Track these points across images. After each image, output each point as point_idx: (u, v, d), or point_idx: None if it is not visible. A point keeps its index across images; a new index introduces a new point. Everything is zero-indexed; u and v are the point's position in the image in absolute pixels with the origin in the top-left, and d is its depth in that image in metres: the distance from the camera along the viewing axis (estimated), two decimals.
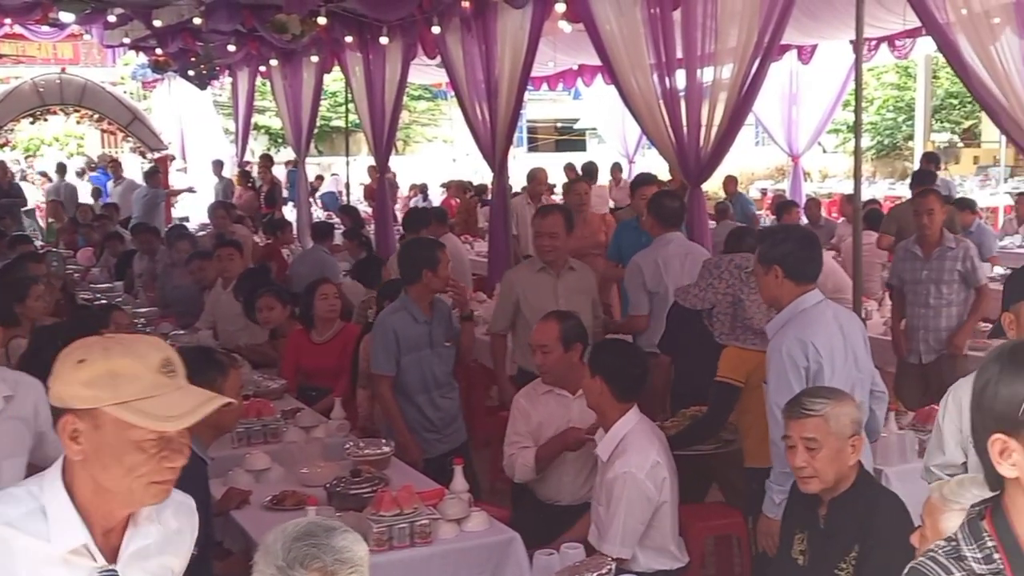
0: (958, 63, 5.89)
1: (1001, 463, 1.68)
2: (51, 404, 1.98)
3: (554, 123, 35.77)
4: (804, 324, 3.97)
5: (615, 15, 7.79)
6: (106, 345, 1.98)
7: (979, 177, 22.93)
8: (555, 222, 5.97)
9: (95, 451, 1.95)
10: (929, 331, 6.59)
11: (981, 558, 1.71)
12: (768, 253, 4.07)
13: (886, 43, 12.82)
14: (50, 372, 1.97)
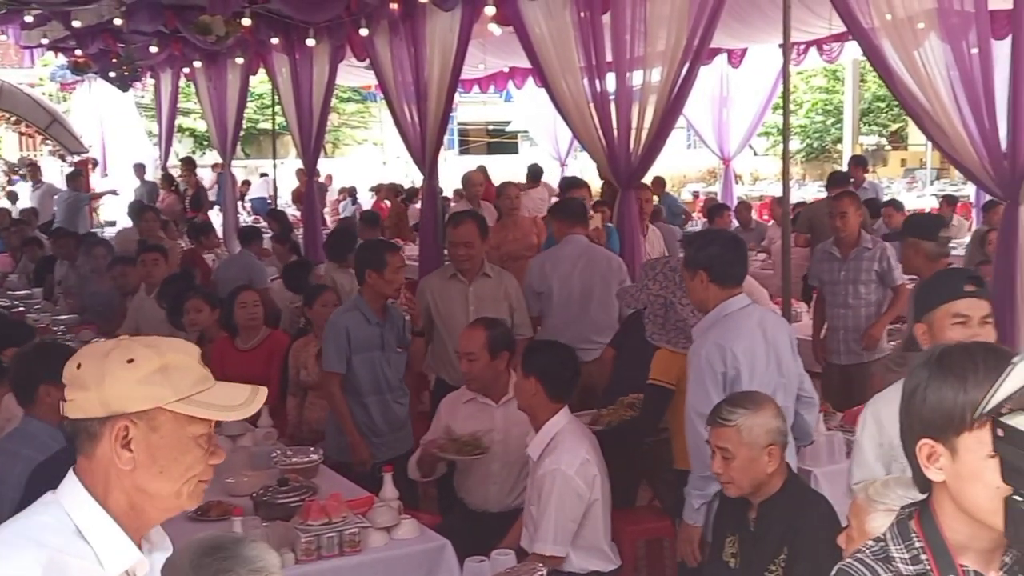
0: (883, 68, 6.02)
1: (929, 467, 1.73)
2: (86, 416, 1.83)
3: (485, 126, 35.81)
4: (726, 329, 4.03)
5: (544, 18, 7.84)
6: (147, 343, 1.89)
7: (906, 179, 23.48)
8: (469, 230, 5.94)
9: (150, 456, 1.84)
10: (848, 331, 6.68)
11: (908, 559, 1.75)
12: (694, 257, 4.15)
13: (815, 47, 13.07)
14: None
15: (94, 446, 1.84)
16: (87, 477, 1.85)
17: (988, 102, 5.48)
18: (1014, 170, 5.36)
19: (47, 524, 1.82)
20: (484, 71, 15.66)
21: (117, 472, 1.84)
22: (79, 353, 1.89)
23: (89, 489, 1.85)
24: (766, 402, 3.49)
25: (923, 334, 3.14)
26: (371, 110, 32.38)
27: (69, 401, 1.85)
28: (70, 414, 1.85)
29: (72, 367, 1.85)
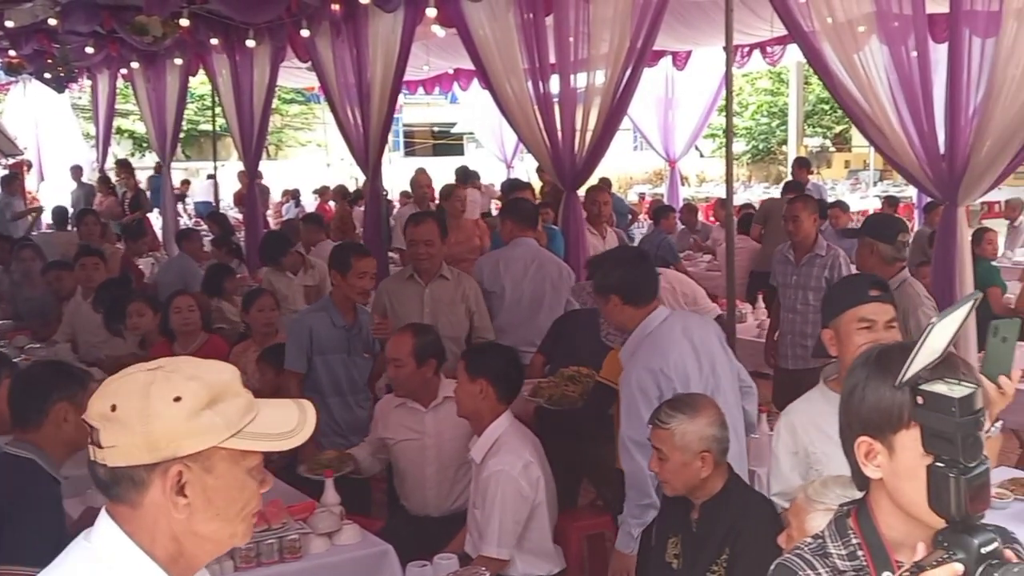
0: (823, 71, 6.11)
1: (867, 465, 1.77)
2: (130, 464, 1.63)
3: (431, 127, 35.79)
4: (652, 349, 4.01)
5: (488, 20, 7.86)
6: (188, 373, 1.68)
7: (850, 181, 23.84)
8: (430, 229, 5.95)
9: (206, 499, 1.66)
10: (795, 335, 6.71)
11: (845, 555, 1.79)
12: (603, 284, 4.15)
13: (758, 50, 13.22)
14: None
15: (142, 495, 1.65)
16: (129, 526, 1.67)
17: (926, 105, 5.59)
18: (952, 172, 5.47)
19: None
20: (428, 72, 15.64)
21: (168, 519, 1.67)
22: (108, 391, 1.67)
23: (133, 538, 1.66)
24: (706, 408, 3.51)
25: (830, 339, 3.19)
26: (315, 111, 32.25)
27: (107, 448, 1.63)
28: (109, 461, 1.64)
29: (103, 407, 1.64)
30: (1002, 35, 5.21)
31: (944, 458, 1.61)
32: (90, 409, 1.67)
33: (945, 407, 1.60)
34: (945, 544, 1.59)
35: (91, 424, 1.65)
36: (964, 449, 1.59)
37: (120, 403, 1.63)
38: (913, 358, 1.65)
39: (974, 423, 1.59)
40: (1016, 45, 5.18)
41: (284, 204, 19.34)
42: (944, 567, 1.56)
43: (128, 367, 1.72)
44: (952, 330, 1.66)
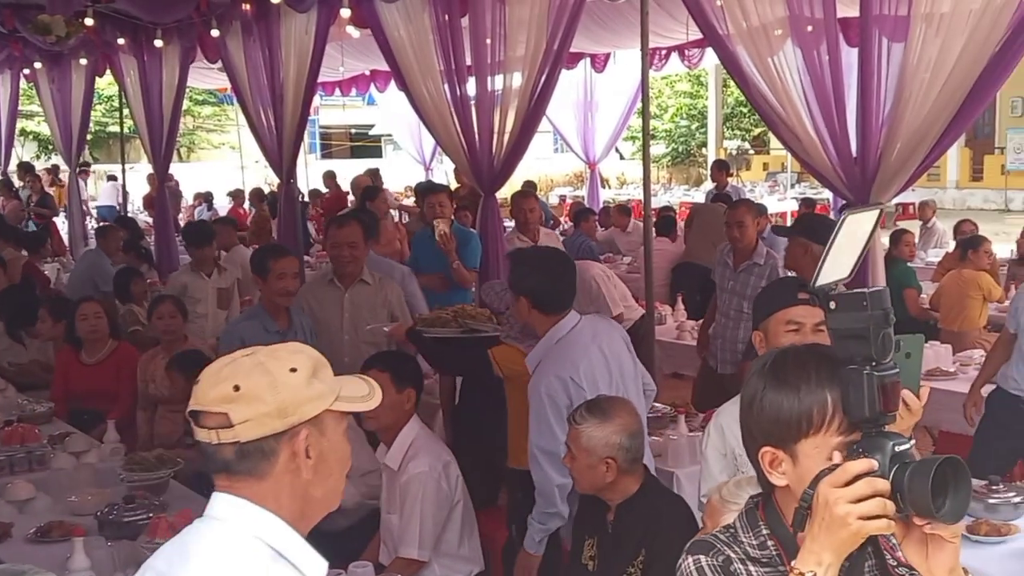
0: (738, 74, 6.21)
1: (772, 473, 1.81)
2: (264, 435, 1.79)
3: (348, 129, 35.58)
4: (561, 357, 4.01)
5: (403, 21, 7.84)
6: (287, 348, 1.90)
7: (768, 183, 24.21)
8: (354, 231, 5.86)
9: (322, 460, 1.85)
10: (726, 340, 6.72)
11: (756, 545, 1.84)
12: (517, 284, 4.16)
13: (676, 52, 13.39)
14: None
15: (272, 463, 1.81)
16: (256, 496, 1.82)
17: (839, 108, 5.70)
18: (864, 174, 5.60)
19: (244, 556, 1.78)
20: (345, 74, 15.55)
21: (293, 483, 1.83)
22: (219, 378, 1.81)
23: (261, 505, 1.82)
24: (618, 416, 3.54)
25: (759, 342, 3.23)
26: (228, 113, 31.83)
27: (240, 424, 1.78)
28: (243, 436, 1.79)
29: (224, 391, 1.79)
30: (911, 39, 5.35)
31: (858, 359, 1.69)
32: (204, 397, 1.81)
33: (857, 303, 1.69)
34: (860, 450, 1.68)
35: (213, 410, 1.79)
36: (876, 344, 1.68)
37: (242, 382, 1.80)
38: (824, 260, 1.73)
39: (884, 318, 1.69)
40: (924, 49, 5.32)
41: (196, 207, 19.08)
42: (863, 460, 1.65)
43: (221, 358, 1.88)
44: (860, 242, 1.77)
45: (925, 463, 1.63)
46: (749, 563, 1.82)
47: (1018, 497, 4.30)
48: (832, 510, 1.62)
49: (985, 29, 5.07)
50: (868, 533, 1.64)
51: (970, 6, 5.17)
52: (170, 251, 12.03)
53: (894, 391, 1.70)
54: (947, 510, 1.63)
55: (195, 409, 1.83)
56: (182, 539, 1.86)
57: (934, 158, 5.55)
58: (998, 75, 5.20)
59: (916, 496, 1.61)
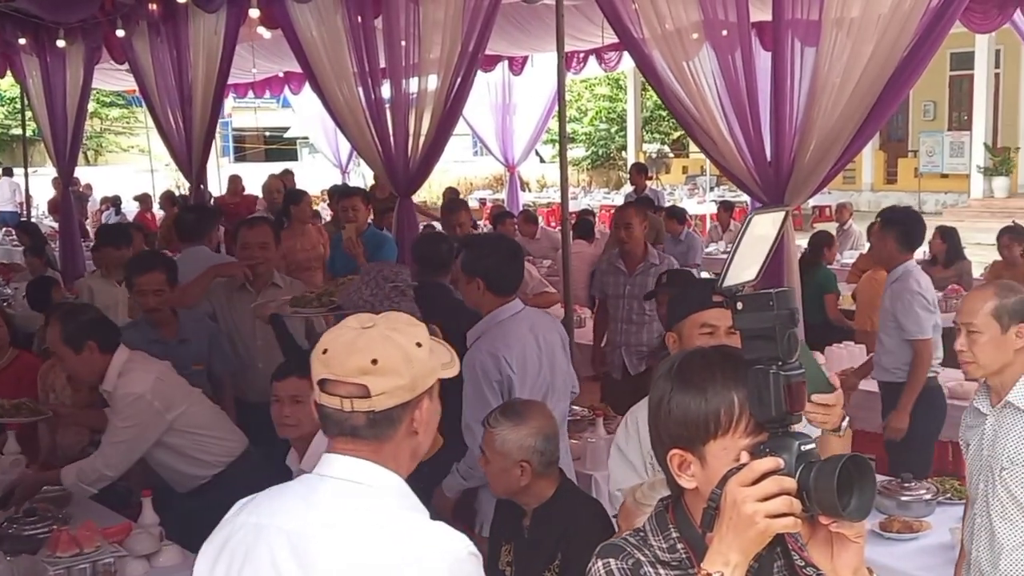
0: (654, 78, 6.27)
1: (680, 475, 1.83)
2: (396, 404, 2.02)
3: (263, 132, 35.19)
4: (498, 336, 4.22)
5: (315, 22, 7.75)
6: (404, 322, 2.11)
7: (687, 186, 24.49)
8: (264, 232, 5.87)
9: (430, 422, 2.12)
10: (631, 347, 6.75)
11: (666, 548, 1.85)
12: (471, 265, 4.32)
13: (594, 56, 13.50)
14: None
15: (396, 429, 2.04)
16: (379, 457, 2.05)
17: (753, 112, 5.80)
18: (778, 177, 5.69)
19: (381, 513, 2.01)
20: (257, 76, 15.39)
21: (408, 445, 2.09)
22: (354, 349, 2.00)
23: (386, 467, 2.05)
24: (533, 419, 3.55)
25: (673, 343, 3.26)
26: (137, 115, 31.31)
27: (378, 395, 1.99)
28: (378, 406, 2.00)
29: (361, 363, 1.98)
30: (822, 43, 5.46)
31: (764, 359, 1.72)
32: (341, 368, 2.00)
33: (763, 303, 1.73)
34: (767, 450, 1.70)
35: (350, 380, 1.99)
36: (782, 344, 1.71)
37: (379, 356, 1.99)
38: (731, 259, 1.76)
39: (790, 317, 1.72)
40: (835, 53, 5.43)
41: (104, 212, 18.71)
42: (769, 458, 1.67)
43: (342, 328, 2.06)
44: (767, 242, 1.82)
45: (830, 462, 1.66)
46: (659, 566, 1.83)
47: (929, 494, 4.42)
48: (739, 509, 1.64)
49: (894, 34, 5.20)
50: (775, 532, 1.66)
51: (879, 11, 5.29)
52: (75, 257, 11.79)
53: (800, 391, 1.72)
54: (852, 508, 1.66)
55: (327, 378, 2.01)
56: (309, 499, 2.04)
57: (846, 161, 5.67)
58: (906, 79, 5.34)
59: (822, 494, 1.64)
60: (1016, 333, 3.33)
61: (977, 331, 3.37)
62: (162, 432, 4.45)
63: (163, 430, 4.45)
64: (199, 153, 9.46)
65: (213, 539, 2.17)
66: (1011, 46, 22.66)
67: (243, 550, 2.07)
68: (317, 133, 19.33)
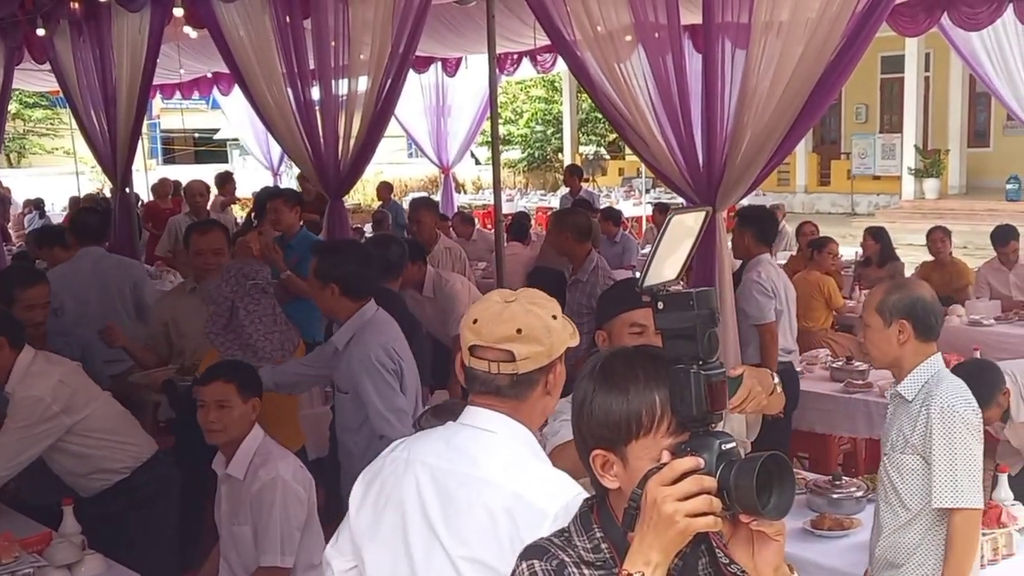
0: (586, 79, 6.30)
1: (604, 476, 1.84)
2: (536, 368, 2.32)
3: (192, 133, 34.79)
4: (379, 331, 4.49)
5: (242, 22, 7.67)
6: (539, 296, 2.40)
7: (623, 188, 24.64)
8: (218, 238, 5.87)
9: (559, 383, 2.43)
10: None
11: (590, 548, 1.85)
12: (327, 272, 4.48)
13: (528, 57, 13.53)
14: None
15: (533, 390, 2.35)
16: (516, 413, 2.35)
17: (684, 114, 5.84)
18: (710, 179, 5.75)
19: (517, 457, 2.32)
20: (184, 76, 15.20)
21: (540, 404, 2.39)
22: (502, 319, 2.30)
23: (520, 421, 2.36)
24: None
25: (603, 342, 3.30)
26: (61, 116, 30.78)
27: (522, 359, 2.30)
28: (521, 369, 2.31)
29: (507, 331, 2.29)
30: (752, 46, 5.53)
31: (684, 358, 1.75)
32: (490, 336, 2.31)
33: (683, 303, 1.76)
34: (688, 449, 1.72)
35: (498, 347, 2.30)
36: (702, 343, 1.74)
37: (523, 326, 2.30)
38: (651, 259, 1.80)
39: (710, 317, 1.76)
40: (765, 56, 5.50)
41: (27, 215, 18.34)
42: (689, 458, 1.69)
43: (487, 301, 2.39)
44: (688, 242, 1.87)
45: (750, 460, 1.68)
46: (583, 566, 1.84)
47: (860, 492, 4.50)
48: (660, 508, 1.66)
49: (822, 37, 5.28)
50: (695, 531, 1.67)
51: (807, 15, 5.37)
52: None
53: (721, 390, 1.75)
54: (772, 506, 1.68)
55: (477, 344, 2.32)
56: (451, 442, 2.37)
57: (776, 162, 5.74)
58: (835, 81, 5.42)
59: (742, 493, 1.66)
60: (899, 329, 3.51)
61: (867, 324, 3.61)
62: (58, 435, 4.35)
63: (59, 433, 4.35)
64: (124, 155, 9.32)
65: (368, 471, 2.50)
66: (940, 50, 23.14)
67: (393, 479, 2.41)
68: (247, 135, 19.14)
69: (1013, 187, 23.16)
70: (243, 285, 4.97)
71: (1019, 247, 9.22)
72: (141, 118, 9.21)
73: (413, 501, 2.35)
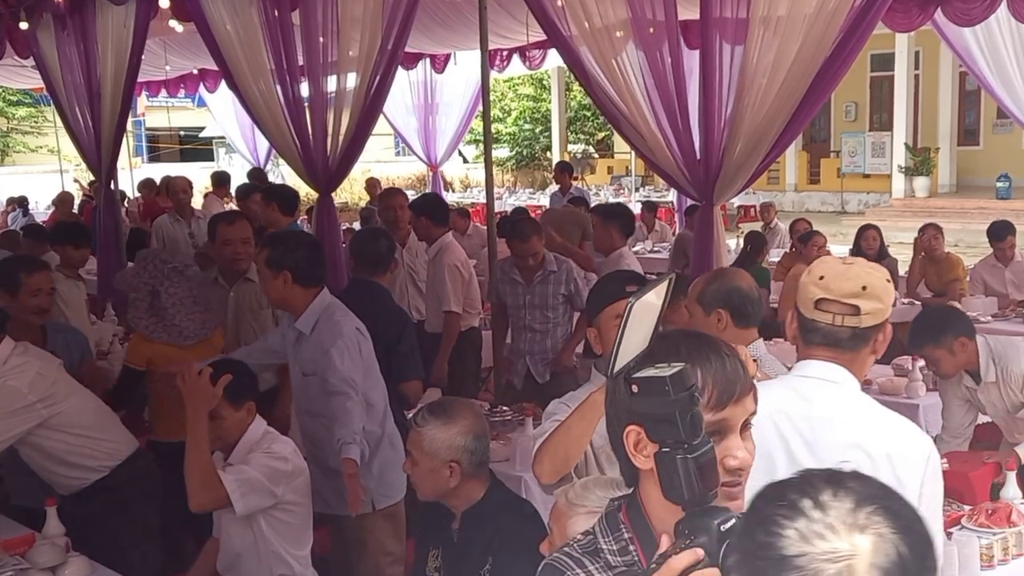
0: (582, 74, 6.29)
1: (636, 455, 1.75)
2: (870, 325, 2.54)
3: (177, 132, 34.67)
4: (348, 314, 4.59)
5: (229, 15, 7.54)
6: (865, 264, 2.60)
7: (613, 186, 24.64)
8: (245, 228, 5.91)
9: (887, 343, 2.64)
10: (536, 355, 6.61)
11: (617, 550, 1.79)
12: (279, 259, 4.51)
13: (517, 54, 13.46)
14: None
15: (866, 345, 2.55)
16: (850, 365, 2.55)
17: (682, 109, 5.84)
18: (708, 173, 5.74)
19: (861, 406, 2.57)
20: (171, 73, 15.10)
21: (867, 362, 2.59)
22: (848, 276, 2.51)
23: (852, 372, 2.57)
24: (463, 417, 3.46)
25: (594, 338, 3.30)
26: (45, 114, 30.60)
27: (865, 314, 2.50)
28: (863, 324, 2.51)
29: (854, 288, 2.49)
30: (749, 42, 5.51)
31: (669, 442, 1.64)
32: (838, 290, 2.51)
33: (658, 388, 1.64)
34: (685, 531, 1.63)
35: (844, 301, 2.50)
36: (684, 427, 1.62)
37: (867, 284, 2.50)
38: (618, 345, 1.68)
39: (689, 399, 1.63)
40: (762, 52, 5.49)
41: (10, 213, 18.26)
42: (686, 552, 1.59)
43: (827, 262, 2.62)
44: (653, 314, 1.73)
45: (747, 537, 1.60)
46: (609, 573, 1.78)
47: None
48: None
49: (819, 32, 5.27)
50: None
51: (805, 10, 5.36)
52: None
53: (711, 468, 1.66)
54: None
55: (824, 297, 2.52)
56: (799, 391, 2.57)
57: (774, 157, 5.74)
58: (832, 75, 5.42)
59: None
60: (717, 317, 3.62)
61: (691, 315, 3.70)
62: (35, 423, 4.29)
63: (35, 421, 4.28)
64: (109, 151, 9.24)
65: None
66: (930, 48, 23.19)
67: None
68: (234, 131, 19.05)
69: (1003, 185, 23.22)
70: (161, 269, 5.10)
71: (1016, 243, 9.21)
72: (126, 113, 9.14)
73: (778, 449, 2.52)
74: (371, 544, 4.68)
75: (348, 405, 4.35)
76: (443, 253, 7.07)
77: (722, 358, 1.78)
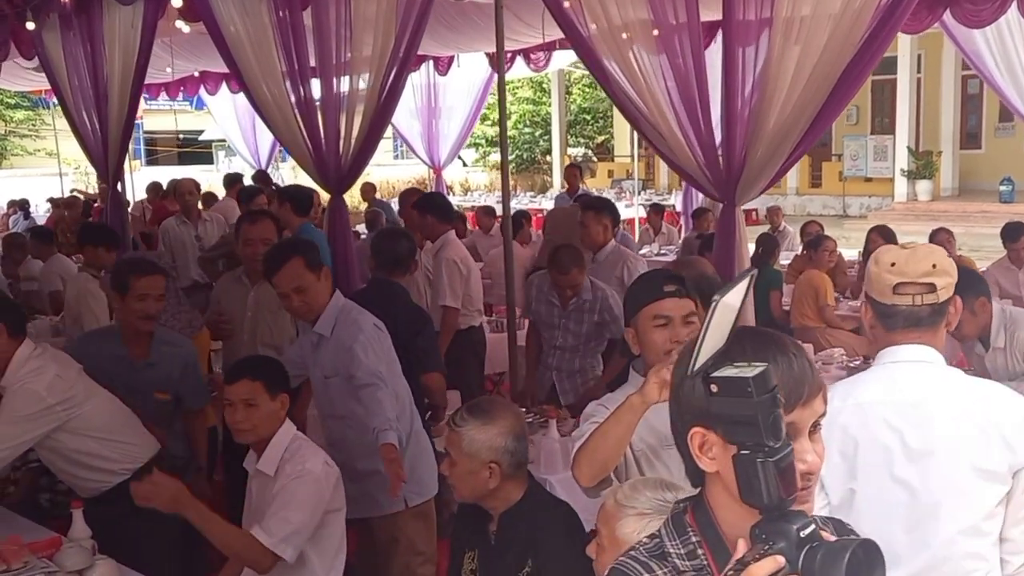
0: (601, 74, 6.25)
1: (701, 457, 1.70)
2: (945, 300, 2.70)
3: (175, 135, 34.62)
4: (363, 313, 4.69)
5: (239, 15, 7.44)
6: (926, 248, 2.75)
7: (614, 190, 24.60)
8: (268, 227, 5.91)
9: (954, 321, 2.84)
10: (563, 371, 6.50)
11: (684, 554, 1.74)
12: (316, 260, 4.66)
13: (522, 56, 13.44)
14: None
15: (943, 318, 2.71)
16: (932, 342, 2.70)
17: (703, 108, 5.81)
18: (729, 173, 5.70)
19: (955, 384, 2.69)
20: (172, 75, 15.06)
21: (943, 336, 2.74)
22: (918, 256, 2.67)
23: (937, 349, 2.71)
24: (502, 417, 3.41)
25: (632, 338, 3.25)
26: (43, 117, 30.58)
27: (941, 289, 2.66)
28: (940, 299, 2.68)
29: (927, 267, 2.66)
30: (773, 42, 5.48)
31: (748, 444, 1.58)
32: (913, 271, 2.67)
33: (740, 389, 1.58)
34: (763, 536, 1.57)
35: (919, 281, 2.66)
36: (766, 429, 1.57)
37: (936, 261, 2.67)
38: (701, 341, 1.63)
39: (772, 400, 1.57)
40: (784, 52, 5.45)
41: (11, 216, 18.25)
42: (766, 559, 1.53)
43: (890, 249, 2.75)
44: (732, 311, 1.67)
45: (837, 548, 1.54)
46: None
47: None
48: None
49: (844, 32, 5.25)
50: None
51: (829, 11, 5.33)
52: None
53: (791, 472, 1.60)
54: None
55: (902, 281, 2.66)
56: (896, 379, 2.67)
57: (797, 157, 5.72)
58: (856, 76, 5.40)
59: None
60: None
61: None
62: (53, 424, 4.27)
63: (54, 423, 4.27)
64: (115, 153, 9.19)
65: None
66: (932, 51, 23.23)
67: (856, 421, 2.66)
68: (235, 133, 19.02)
69: (1007, 189, 23.25)
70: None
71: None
72: (134, 115, 9.07)
73: (890, 438, 2.63)
74: (403, 542, 4.67)
75: (379, 395, 4.41)
76: (443, 249, 7.14)
77: (789, 358, 1.71)
